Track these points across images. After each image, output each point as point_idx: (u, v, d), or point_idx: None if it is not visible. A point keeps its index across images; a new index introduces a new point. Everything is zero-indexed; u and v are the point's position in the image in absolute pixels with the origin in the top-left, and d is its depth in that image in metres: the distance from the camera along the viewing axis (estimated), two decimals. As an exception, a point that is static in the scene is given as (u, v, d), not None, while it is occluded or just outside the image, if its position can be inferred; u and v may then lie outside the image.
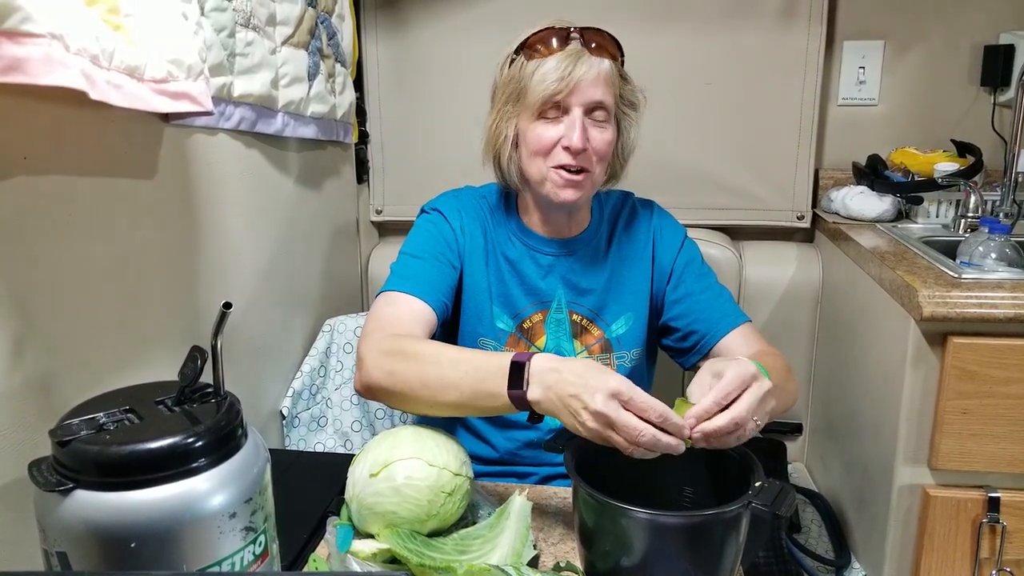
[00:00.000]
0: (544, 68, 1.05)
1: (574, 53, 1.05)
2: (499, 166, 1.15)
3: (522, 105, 1.09)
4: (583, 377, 0.82)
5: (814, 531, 1.50)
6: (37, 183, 0.76)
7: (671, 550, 0.77)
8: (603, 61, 1.07)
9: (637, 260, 1.22)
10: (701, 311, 1.18)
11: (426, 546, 0.86)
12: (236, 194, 1.18)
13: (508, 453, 1.21)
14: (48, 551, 0.59)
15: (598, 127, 1.08)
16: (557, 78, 1.04)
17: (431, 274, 1.12)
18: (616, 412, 0.79)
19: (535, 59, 1.07)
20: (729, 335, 1.14)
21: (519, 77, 1.08)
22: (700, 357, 1.17)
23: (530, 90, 1.07)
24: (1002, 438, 1.16)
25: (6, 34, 0.60)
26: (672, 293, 1.21)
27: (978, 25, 1.70)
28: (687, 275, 1.21)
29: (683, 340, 1.19)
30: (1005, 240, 1.34)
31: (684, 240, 1.24)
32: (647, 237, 1.23)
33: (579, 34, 1.07)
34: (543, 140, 1.08)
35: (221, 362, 0.66)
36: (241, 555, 0.63)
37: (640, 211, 1.26)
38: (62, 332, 0.80)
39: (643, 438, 0.78)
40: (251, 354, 1.27)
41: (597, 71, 1.06)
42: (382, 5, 1.77)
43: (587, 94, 1.06)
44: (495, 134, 1.14)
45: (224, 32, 1.06)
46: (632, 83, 1.14)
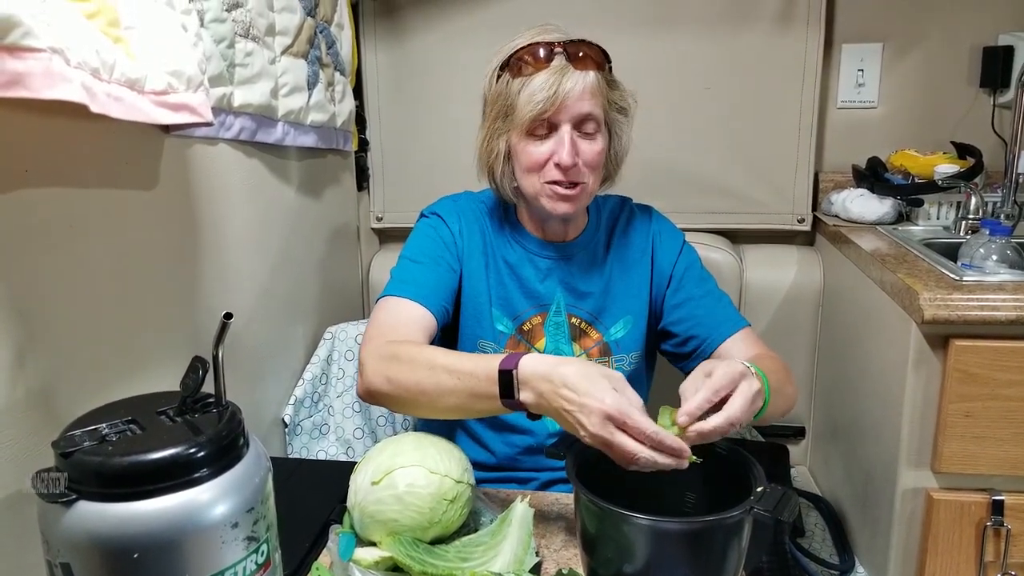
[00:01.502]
0: (531, 87, 1.05)
1: (559, 69, 1.05)
2: (493, 180, 1.16)
3: (511, 122, 1.09)
4: (576, 392, 0.82)
5: (818, 535, 1.49)
6: (39, 196, 0.76)
7: (673, 556, 0.77)
8: (588, 74, 1.06)
9: (636, 264, 1.22)
10: (701, 316, 1.18)
11: (428, 554, 0.86)
12: (237, 203, 1.18)
13: (507, 458, 1.21)
14: (51, 562, 0.60)
15: (587, 139, 1.08)
16: (544, 98, 1.04)
17: (431, 278, 1.13)
18: (612, 435, 0.79)
19: (520, 77, 1.07)
20: (729, 340, 1.15)
21: (506, 94, 1.08)
22: (700, 362, 1.17)
23: (518, 109, 1.07)
24: (1005, 441, 1.16)
25: (7, 49, 0.60)
26: (672, 298, 1.21)
27: (977, 26, 1.70)
28: (687, 280, 1.21)
29: (683, 345, 1.20)
30: (1006, 242, 1.34)
31: (683, 245, 1.24)
32: (646, 241, 1.23)
33: (563, 48, 1.06)
34: (534, 158, 1.09)
35: (223, 372, 0.66)
36: (244, 564, 0.63)
37: (638, 215, 1.26)
38: (64, 343, 0.80)
39: (640, 459, 0.79)
40: (253, 363, 1.27)
41: (583, 85, 1.05)
42: (381, 13, 1.77)
43: (574, 109, 1.06)
44: (487, 151, 1.14)
45: (224, 43, 1.07)
46: (620, 88, 1.14)
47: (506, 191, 1.16)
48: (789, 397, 1.07)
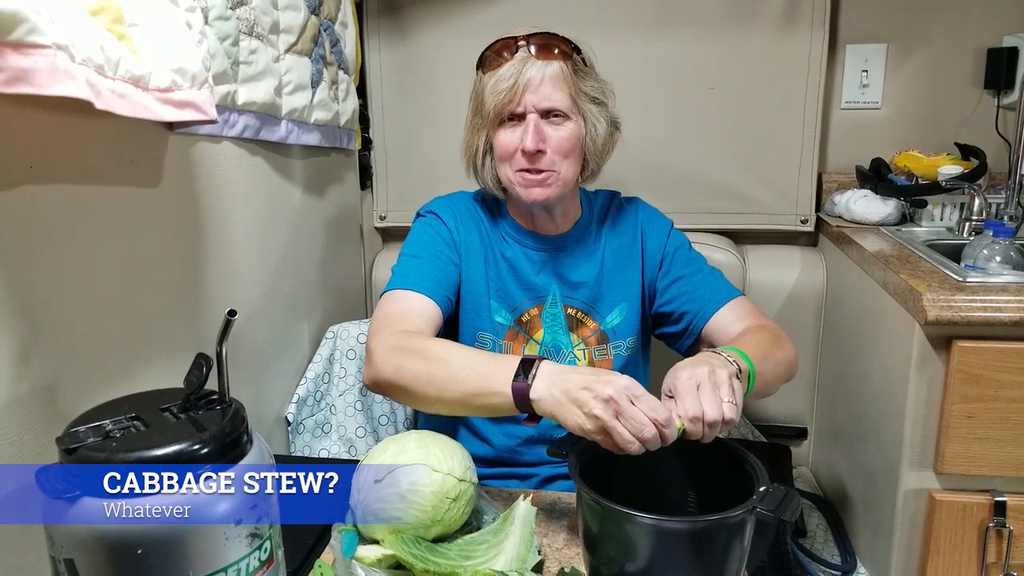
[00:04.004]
0: (495, 79, 1.10)
1: (521, 60, 1.09)
2: (478, 176, 1.20)
3: (484, 116, 1.14)
4: (595, 374, 0.86)
5: (820, 536, 1.49)
6: (43, 192, 0.76)
7: (675, 555, 0.77)
8: (550, 63, 1.09)
9: (627, 252, 1.25)
10: (691, 291, 1.21)
11: (431, 552, 0.86)
12: (240, 201, 1.18)
13: (507, 450, 1.22)
14: (55, 558, 0.60)
15: (554, 127, 1.11)
16: (505, 88, 1.09)
17: (433, 271, 1.15)
18: (627, 403, 0.81)
19: (489, 71, 1.12)
20: (720, 311, 1.17)
21: (479, 89, 1.14)
22: (694, 339, 1.20)
23: (485, 102, 1.12)
24: (1008, 442, 1.16)
25: (12, 46, 0.61)
26: (663, 279, 1.24)
27: (981, 28, 1.69)
28: (676, 260, 1.24)
29: (676, 323, 1.22)
30: (1010, 243, 1.34)
31: (671, 229, 1.28)
32: (635, 230, 1.26)
33: (526, 40, 1.10)
34: (504, 146, 1.13)
35: (226, 369, 0.67)
36: (247, 561, 0.63)
37: (626, 207, 1.29)
38: (68, 340, 0.80)
39: (647, 432, 0.80)
40: (256, 360, 1.27)
41: (543, 74, 1.09)
42: (385, 12, 1.77)
43: (537, 97, 1.09)
44: (468, 146, 1.19)
45: (228, 40, 1.07)
46: (593, 78, 1.16)
47: (489, 185, 1.20)
48: (780, 362, 1.08)
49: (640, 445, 0.81)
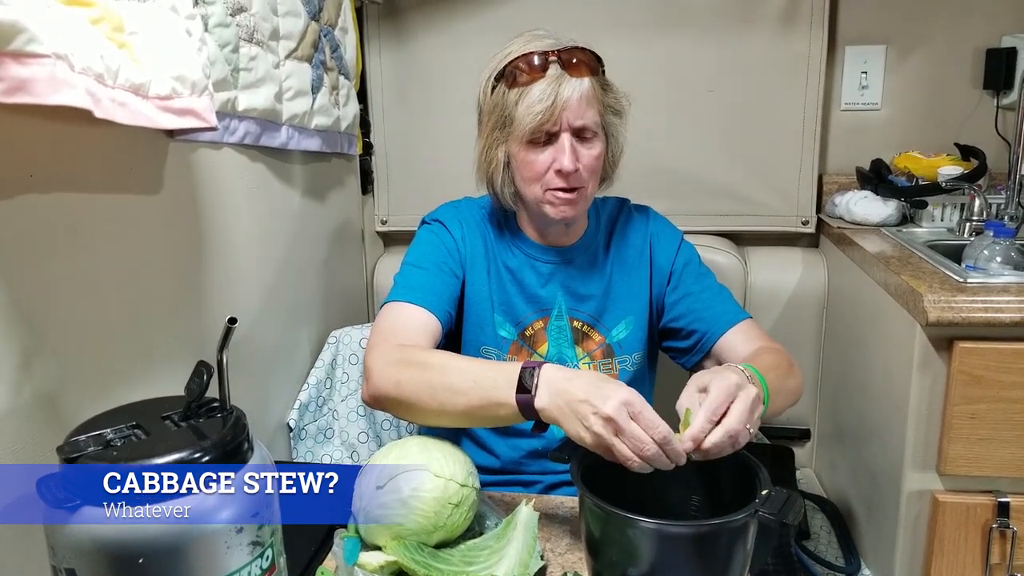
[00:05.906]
0: (529, 98, 1.05)
1: (555, 78, 1.05)
2: (493, 189, 1.17)
3: (510, 133, 1.09)
4: (596, 385, 0.84)
5: (823, 537, 1.49)
6: (44, 200, 0.77)
7: (678, 559, 0.76)
8: (583, 81, 1.06)
9: (635, 264, 1.22)
10: (701, 310, 1.19)
11: (433, 557, 0.86)
12: (241, 208, 1.18)
13: (511, 462, 1.21)
14: (57, 567, 0.60)
15: (586, 145, 1.09)
16: (543, 108, 1.04)
17: (434, 284, 1.13)
18: (626, 421, 0.80)
19: (517, 87, 1.07)
20: (729, 332, 1.15)
21: (503, 105, 1.09)
22: (702, 356, 1.18)
23: (517, 120, 1.07)
24: (1011, 443, 1.15)
25: (11, 55, 0.61)
26: (672, 294, 1.21)
27: (980, 28, 1.69)
28: (686, 275, 1.22)
29: (684, 339, 1.20)
30: (1010, 243, 1.34)
31: (681, 242, 1.25)
32: (644, 241, 1.23)
33: (557, 56, 1.06)
34: (536, 167, 1.09)
35: (227, 376, 0.67)
36: (248, 569, 0.63)
37: (636, 216, 1.27)
38: (68, 348, 0.80)
39: (647, 451, 0.79)
40: (257, 367, 1.27)
41: (579, 93, 1.06)
42: (385, 17, 1.78)
43: (573, 117, 1.06)
44: (486, 161, 1.14)
45: (228, 47, 1.07)
46: (614, 91, 1.14)
47: (506, 199, 1.16)
48: (792, 392, 1.07)
49: (641, 462, 0.80)
